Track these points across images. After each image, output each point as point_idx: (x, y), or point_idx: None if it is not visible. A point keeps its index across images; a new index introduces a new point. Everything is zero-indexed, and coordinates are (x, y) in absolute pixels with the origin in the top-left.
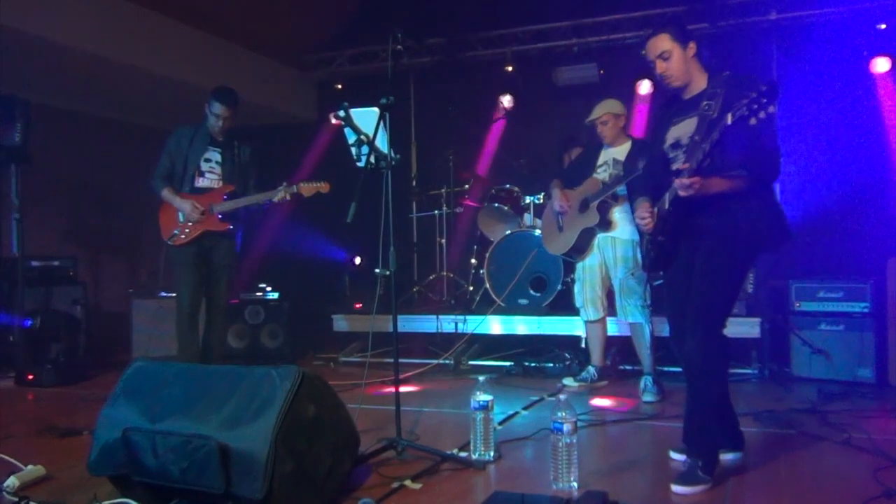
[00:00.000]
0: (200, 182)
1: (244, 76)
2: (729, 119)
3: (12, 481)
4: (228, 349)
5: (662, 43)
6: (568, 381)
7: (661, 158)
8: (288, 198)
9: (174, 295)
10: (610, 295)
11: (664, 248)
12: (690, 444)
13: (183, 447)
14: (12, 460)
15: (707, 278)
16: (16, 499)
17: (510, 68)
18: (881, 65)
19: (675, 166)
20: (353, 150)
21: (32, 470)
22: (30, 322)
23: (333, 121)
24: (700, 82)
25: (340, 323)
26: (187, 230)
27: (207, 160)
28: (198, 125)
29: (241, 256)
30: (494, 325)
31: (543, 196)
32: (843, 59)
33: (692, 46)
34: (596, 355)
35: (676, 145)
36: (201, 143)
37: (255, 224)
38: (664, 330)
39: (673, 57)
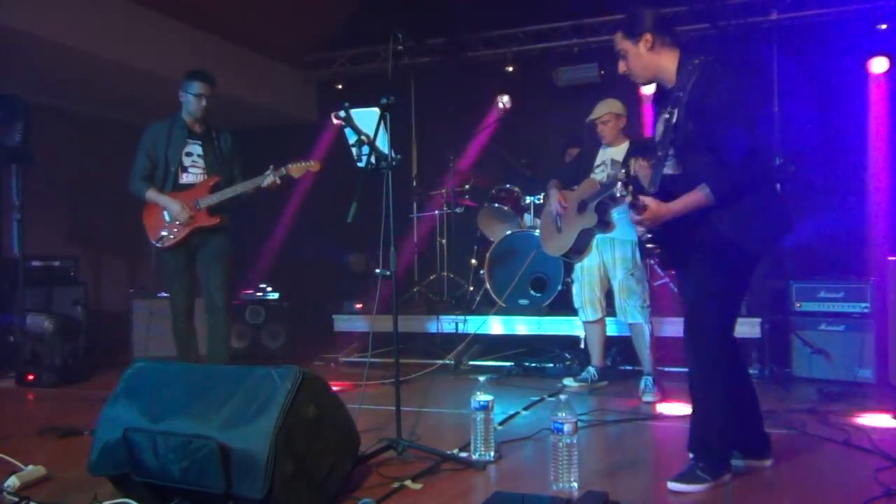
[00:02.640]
0: (184, 178)
1: (244, 76)
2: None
3: (13, 481)
4: (229, 350)
5: (618, 42)
6: (568, 381)
7: None
8: (278, 181)
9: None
10: (609, 295)
11: (668, 247)
12: (691, 445)
13: (183, 447)
14: (13, 460)
15: (695, 289)
16: (16, 499)
17: (511, 68)
18: (878, 65)
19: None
20: (354, 150)
21: (33, 470)
22: (46, 322)
23: (335, 121)
24: (672, 74)
25: (341, 323)
26: (175, 230)
27: (189, 154)
28: (172, 119)
29: (237, 251)
30: (495, 325)
31: (543, 196)
32: (843, 59)
33: (647, 39)
34: (596, 356)
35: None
36: (180, 137)
37: (247, 213)
38: (664, 330)
39: (629, 55)
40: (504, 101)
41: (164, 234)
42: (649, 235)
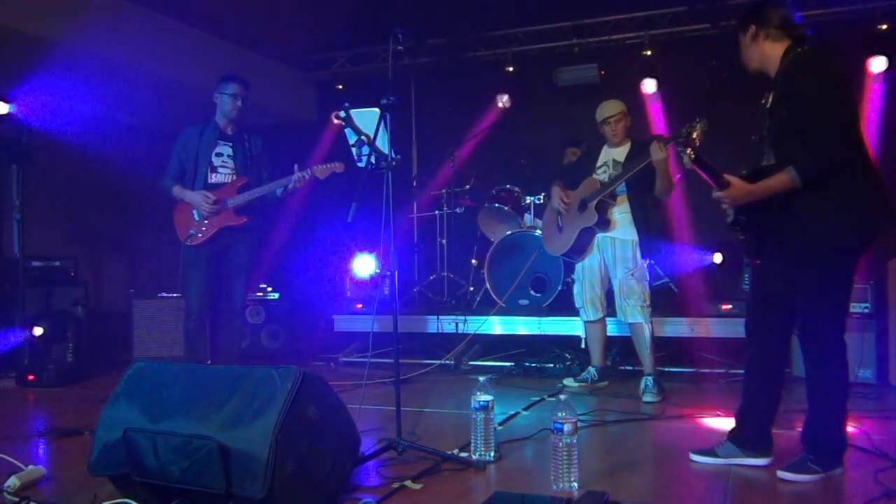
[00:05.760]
0: (214, 178)
1: (244, 76)
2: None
3: (13, 481)
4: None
5: (739, 34)
6: (568, 381)
7: None
8: (300, 185)
9: (177, 295)
10: (610, 295)
11: (756, 235)
12: (804, 438)
13: (183, 447)
14: (13, 460)
15: (805, 294)
16: (16, 499)
17: (511, 69)
18: (877, 64)
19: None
20: (354, 150)
21: (33, 470)
22: (38, 330)
23: (335, 120)
24: (777, 63)
25: (341, 323)
26: (204, 228)
27: (219, 155)
28: (205, 123)
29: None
30: (495, 325)
31: (544, 196)
32: (843, 60)
33: (750, 31)
34: (596, 355)
35: None
36: (211, 138)
37: (271, 215)
38: (664, 330)
39: (742, 44)
40: (503, 100)
41: (192, 231)
42: (734, 217)
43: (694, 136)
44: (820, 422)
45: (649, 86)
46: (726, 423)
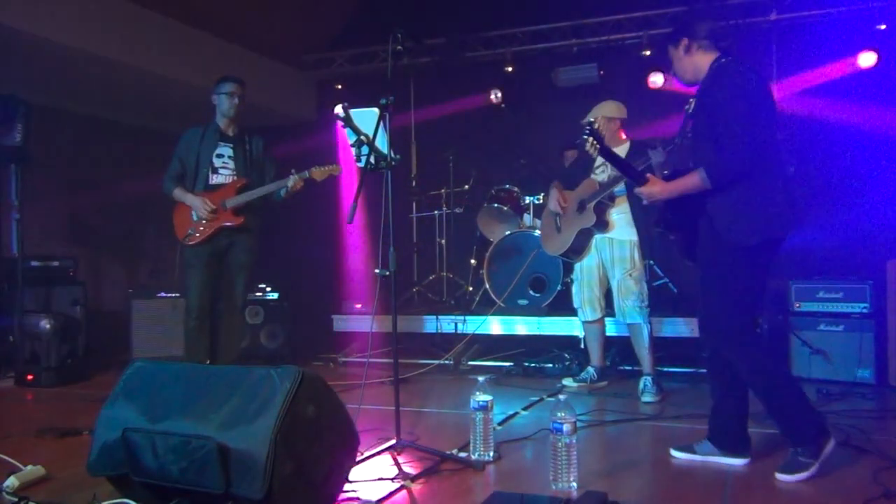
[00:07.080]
0: (214, 179)
1: (244, 76)
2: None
3: (12, 481)
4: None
5: (669, 50)
6: (567, 381)
7: None
8: (300, 186)
9: (176, 295)
10: (609, 295)
11: (683, 235)
12: (784, 437)
13: (183, 447)
14: (12, 460)
15: (705, 288)
16: (15, 499)
17: (510, 69)
18: (866, 59)
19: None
20: (353, 150)
21: (32, 470)
22: (46, 324)
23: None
24: (705, 73)
25: (340, 323)
26: (202, 228)
27: (220, 156)
28: (207, 125)
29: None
30: (494, 325)
31: (543, 196)
32: (842, 59)
33: (683, 44)
34: (595, 356)
35: None
36: (212, 140)
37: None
38: (663, 330)
39: (674, 58)
40: (496, 95)
41: (190, 231)
42: (659, 215)
43: (598, 125)
44: (779, 413)
45: (655, 80)
46: None
